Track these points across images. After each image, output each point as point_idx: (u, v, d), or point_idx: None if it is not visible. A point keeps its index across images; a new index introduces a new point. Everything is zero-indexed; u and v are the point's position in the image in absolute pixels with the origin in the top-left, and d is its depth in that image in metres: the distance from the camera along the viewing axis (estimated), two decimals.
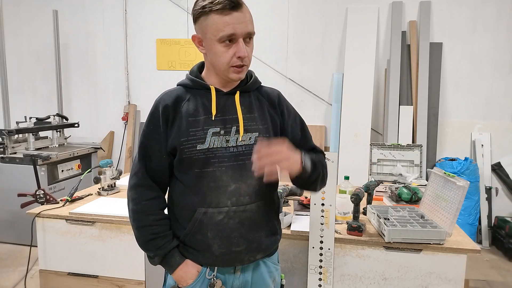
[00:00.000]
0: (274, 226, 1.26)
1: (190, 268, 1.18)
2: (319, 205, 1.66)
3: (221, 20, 1.06)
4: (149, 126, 1.18)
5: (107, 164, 2.37)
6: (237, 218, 1.16)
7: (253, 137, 1.17)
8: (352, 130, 3.86)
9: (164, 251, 1.17)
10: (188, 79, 1.22)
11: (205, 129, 1.14)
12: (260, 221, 1.20)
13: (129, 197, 1.21)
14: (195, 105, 1.16)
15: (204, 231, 1.15)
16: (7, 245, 3.45)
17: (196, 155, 1.13)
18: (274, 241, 1.26)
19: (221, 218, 1.15)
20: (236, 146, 1.15)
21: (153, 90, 4.30)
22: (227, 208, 1.15)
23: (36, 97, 4.78)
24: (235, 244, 1.16)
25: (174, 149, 1.15)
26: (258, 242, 1.19)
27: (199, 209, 1.14)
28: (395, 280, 1.72)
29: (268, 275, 1.26)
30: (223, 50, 1.10)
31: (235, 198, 1.15)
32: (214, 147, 1.14)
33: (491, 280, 2.99)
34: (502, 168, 3.82)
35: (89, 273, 2.02)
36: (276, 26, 4.16)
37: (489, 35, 3.81)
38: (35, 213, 2.00)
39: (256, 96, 1.24)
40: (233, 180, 1.14)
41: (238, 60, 1.11)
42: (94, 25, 4.55)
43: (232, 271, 1.20)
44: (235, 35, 1.08)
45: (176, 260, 1.18)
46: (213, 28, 1.08)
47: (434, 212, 1.86)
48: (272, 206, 1.26)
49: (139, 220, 1.18)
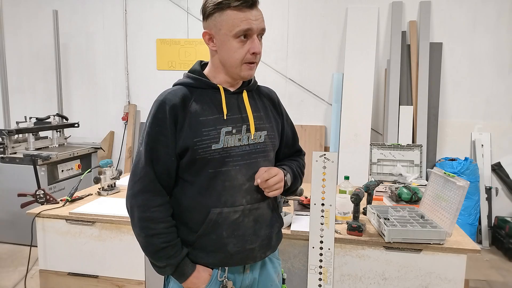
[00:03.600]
0: (281, 222, 1.31)
1: (202, 274, 1.16)
2: (319, 205, 1.65)
3: (238, 15, 1.07)
4: (153, 127, 1.11)
5: (107, 164, 2.36)
6: (251, 216, 1.17)
7: (263, 136, 1.20)
8: (352, 130, 3.86)
9: (177, 260, 1.13)
10: (192, 78, 1.18)
11: (218, 128, 1.13)
12: (271, 217, 1.24)
13: (133, 204, 1.13)
14: (203, 104, 1.15)
15: (219, 231, 1.14)
16: (7, 245, 3.45)
17: (211, 155, 1.11)
18: (279, 237, 1.30)
19: (237, 217, 1.15)
20: (248, 144, 1.17)
21: (153, 90, 4.31)
22: (242, 207, 1.15)
23: (36, 97, 4.78)
24: (249, 241, 1.17)
25: (185, 150, 1.11)
26: (269, 238, 1.22)
27: (214, 209, 1.13)
28: (395, 280, 1.72)
29: (273, 271, 1.29)
30: (238, 46, 1.10)
31: (249, 196, 1.17)
32: (229, 147, 1.13)
33: (491, 280, 2.99)
34: (502, 168, 3.82)
35: (89, 273, 2.02)
36: (276, 26, 4.16)
37: (489, 35, 3.81)
38: (35, 213, 2.00)
39: (258, 96, 1.27)
40: (248, 178, 1.16)
41: (252, 57, 1.12)
42: (94, 25, 4.55)
43: (241, 271, 1.21)
44: (251, 31, 1.09)
45: (189, 268, 1.15)
46: (229, 23, 1.08)
47: (434, 212, 1.86)
48: (276, 203, 1.31)
49: (148, 229, 1.11)
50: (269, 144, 1.22)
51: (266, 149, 1.21)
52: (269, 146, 1.22)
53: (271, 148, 1.23)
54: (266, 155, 1.21)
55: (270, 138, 1.22)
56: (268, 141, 1.22)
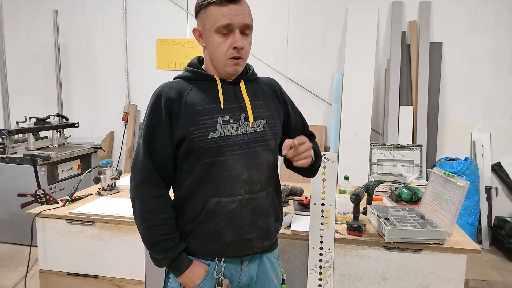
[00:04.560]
0: (278, 213, 1.29)
1: (198, 269, 1.17)
2: (319, 205, 1.66)
3: (218, 11, 1.09)
4: (150, 119, 1.15)
5: (107, 164, 2.36)
6: (249, 206, 1.17)
7: (262, 124, 1.19)
8: (352, 130, 3.86)
9: (174, 254, 1.15)
10: (189, 71, 1.22)
11: (214, 117, 1.13)
12: (269, 207, 1.23)
13: (135, 195, 1.16)
14: (200, 95, 1.16)
15: (216, 220, 1.14)
16: (7, 245, 3.45)
17: (208, 144, 1.12)
18: (277, 227, 1.28)
19: (235, 207, 1.15)
20: (247, 133, 1.16)
21: (153, 90, 4.26)
22: (240, 197, 1.15)
23: (36, 97, 4.78)
24: (247, 231, 1.17)
25: (182, 139, 1.13)
26: (266, 228, 1.21)
27: (212, 199, 1.13)
28: (395, 280, 1.72)
29: (272, 271, 1.28)
30: (220, 41, 1.12)
31: (248, 186, 1.16)
32: (226, 135, 1.13)
33: (491, 280, 2.99)
34: (502, 168, 3.82)
35: (89, 273, 2.02)
36: (276, 26, 4.16)
37: (488, 35, 3.81)
38: (35, 213, 2.01)
39: (258, 85, 1.27)
40: (246, 168, 1.15)
41: (234, 52, 1.12)
42: (94, 25, 4.55)
43: (238, 268, 1.21)
44: (232, 26, 1.10)
45: (185, 263, 1.16)
46: (211, 19, 1.11)
47: (434, 212, 1.86)
48: (278, 193, 1.30)
49: (148, 220, 1.14)
50: (269, 133, 1.20)
51: (265, 138, 1.19)
52: (269, 134, 1.20)
53: (272, 136, 1.21)
54: (265, 144, 1.19)
55: (270, 127, 1.21)
56: (268, 129, 1.20)
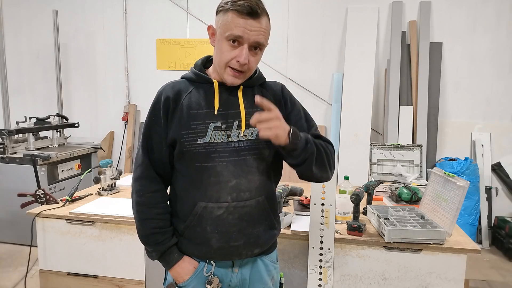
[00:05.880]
0: (272, 221, 1.25)
1: (187, 265, 1.19)
2: (319, 205, 1.66)
3: (235, 20, 1.08)
4: (150, 117, 1.19)
5: (107, 164, 2.37)
6: (236, 213, 1.16)
7: (254, 132, 1.16)
8: (352, 130, 3.86)
9: (163, 247, 1.18)
10: (192, 73, 1.23)
11: (206, 123, 1.14)
12: (259, 216, 1.20)
13: (133, 188, 1.21)
14: (197, 98, 1.17)
15: (203, 225, 1.15)
16: (7, 245, 3.45)
17: (197, 149, 1.13)
18: (272, 235, 1.25)
19: (221, 213, 1.15)
20: (238, 141, 1.15)
21: (153, 90, 4.26)
22: (227, 204, 1.15)
23: (36, 97, 4.78)
24: (234, 239, 1.16)
25: (174, 141, 1.15)
26: (256, 237, 1.19)
27: (200, 203, 1.15)
28: (395, 280, 1.72)
29: (266, 273, 1.26)
30: (227, 49, 1.11)
31: (235, 194, 1.15)
32: (215, 142, 1.13)
33: (491, 280, 2.99)
34: (502, 168, 3.82)
35: (89, 273, 2.02)
36: (276, 26, 4.16)
37: (489, 35, 3.81)
38: (35, 213, 2.01)
39: (260, 91, 1.24)
40: (234, 176, 1.14)
41: (236, 64, 1.11)
42: (94, 25, 4.55)
43: (229, 269, 1.20)
44: (242, 39, 1.09)
45: (174, 257, 1.19)
46: (225, 25, 1.10)
47: (434, 212, 1.86)
48: (271, 202, 1.25)
49: (142, 212, 1.19)
50: (262, 141, 1.14)
51: (258, 147, 1.16)
52: (262, 143, 1.16)
53: (265, 145, 1.16)
54: (257, 152, 1.16)
55: None
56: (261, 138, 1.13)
